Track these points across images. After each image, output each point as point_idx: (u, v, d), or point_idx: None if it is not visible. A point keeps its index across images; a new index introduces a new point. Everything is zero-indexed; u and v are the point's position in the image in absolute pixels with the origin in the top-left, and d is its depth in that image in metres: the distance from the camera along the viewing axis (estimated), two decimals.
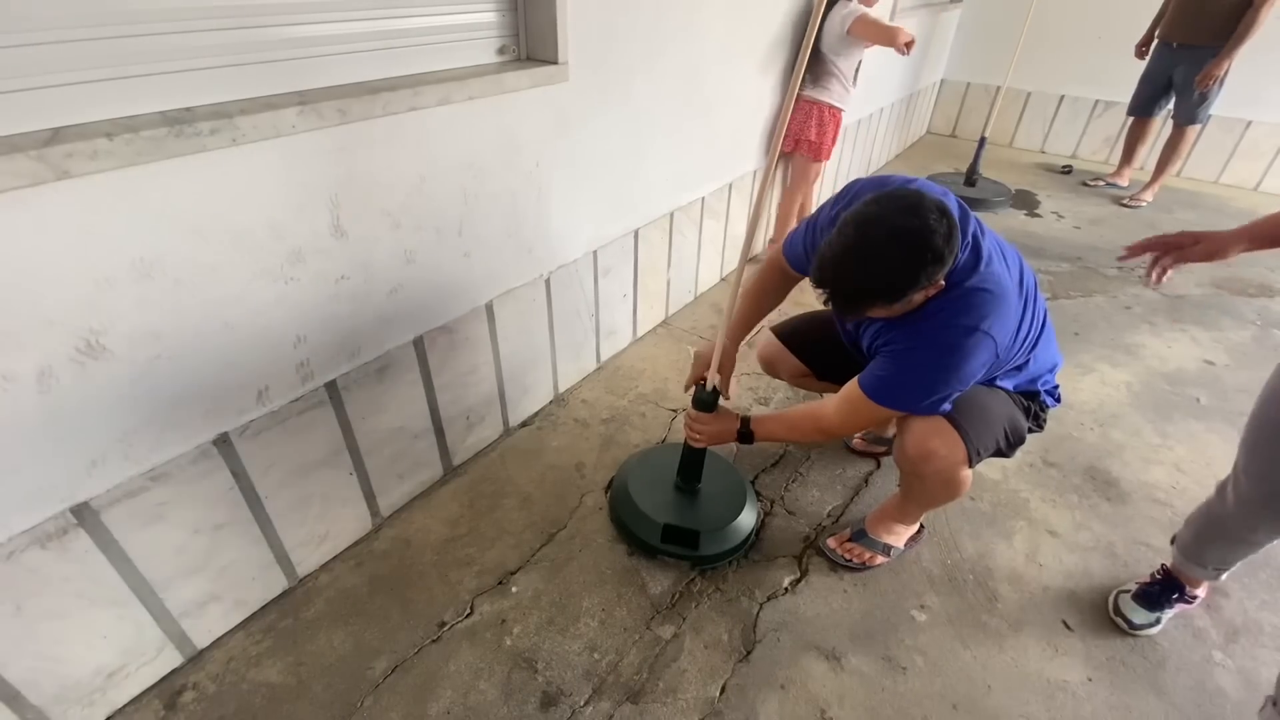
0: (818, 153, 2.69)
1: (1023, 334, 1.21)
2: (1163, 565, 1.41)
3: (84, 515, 1.00)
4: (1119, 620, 1.39)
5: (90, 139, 0.83)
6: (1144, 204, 3.87)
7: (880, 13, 2.50)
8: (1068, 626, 1.40)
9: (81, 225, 0.87)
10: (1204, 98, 3.45)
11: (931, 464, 1.25)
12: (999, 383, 1.30)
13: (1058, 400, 1.40)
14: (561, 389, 2.04)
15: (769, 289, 1.50)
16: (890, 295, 1.01)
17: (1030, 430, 1.35)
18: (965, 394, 1.23)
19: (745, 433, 1.41)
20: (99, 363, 0.94)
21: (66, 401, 0.93)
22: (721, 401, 1.44)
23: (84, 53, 0.87)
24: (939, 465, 1.25)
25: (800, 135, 2.67)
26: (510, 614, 1.38)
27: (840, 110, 2.63)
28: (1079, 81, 4.59)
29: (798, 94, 2.62)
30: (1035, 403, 1.36)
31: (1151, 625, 1.38)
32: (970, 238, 1.13)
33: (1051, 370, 1.37)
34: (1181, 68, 3.45)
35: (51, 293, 0.87)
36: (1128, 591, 1.41)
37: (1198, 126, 3.61)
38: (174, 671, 1.23)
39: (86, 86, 0.88)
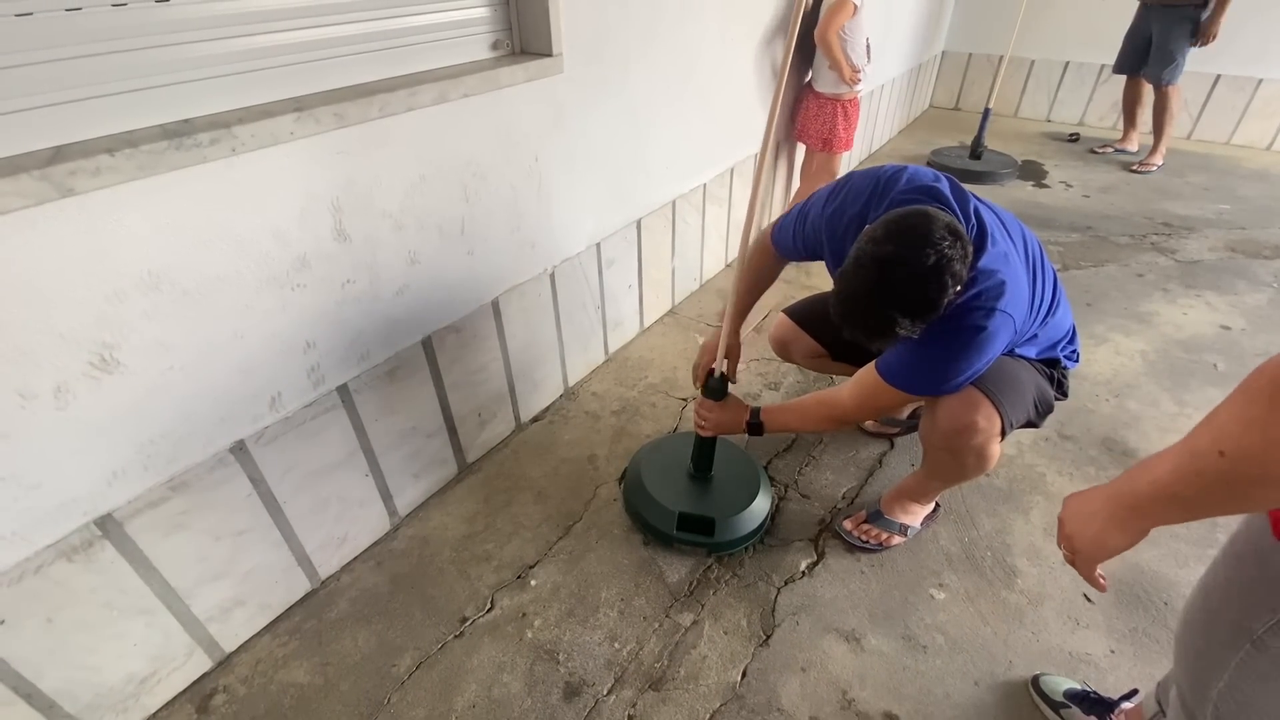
0: (806, 139, 2.68)
1: (1036, 302, 1.19)
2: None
3: (108, 527, 1.01)
4: (1034, 691, 1.23)
5: (92, 156, 0.84)
6: (1154, 168, 3.81)
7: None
8: (1088, 599, 1.40)
9: (89, 241, 0.88)
10: (1175, 57, 3.50)
11: (966, 438, 1.23)
12: (1019, 351, 1.28)
13: (1076, 360, 1.39)
14: (571, 382, 2.05)
15: (761, 274, 1.48)
16: (917, 324, 1.00)
17: (1055, 398, 1.34)
18: (992, 365, 1.22)
19: (755, 424, 1.41)
20: (113, 376, 0.95)
21: (84, 416, 0.94)
22: (730, 388, 1.44)
23: (81, 70, 0.88)
24: (976, 439, 1.22)
25: (803, 129, 2.66)
26: (530, 607, 1.39)
27: (837, 99, 2.58)
28: (1083, 46, 4.50)
29: (808, 87, 2.61)
30: (1057, 370, 1.35)
31: (1055, 697, 1.19)
32: (974, 218, 1.11)
33: (1069, 337, 1.35)
34: (1157, 26, 3.49)
35: (63, 309, 0.88)
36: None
37: (1169, 86, 3.61)
38: (204, 676, 1.25)
39: (85, 103, 0.89)
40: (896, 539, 1.50)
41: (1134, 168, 3.84)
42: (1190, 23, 3.39)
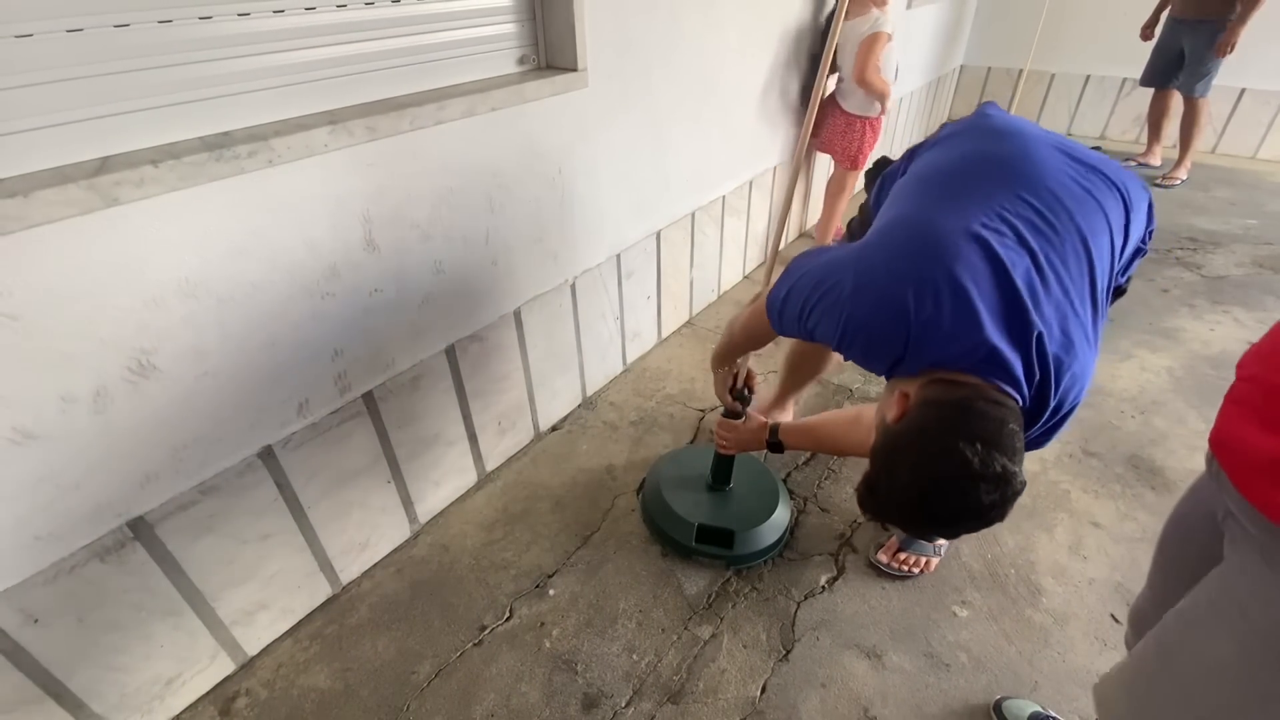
0: (832, 153, 2.68)
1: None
2: None
3: (140, 529, 1.03)
4: (995, 717, 1.21)
5: (137, 167, 0.87)
6: (1178, 182, 3.76)
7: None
8: (1116, 619, 1.37)
9: (131, 250, 0.91)
10: (1208, 70, 3.50)
11: None
12: None
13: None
14: (589, 392, 2.06)
15: (817, 353, 1.47)
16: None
17: None
18: None
19: (774, 443, 1.42)
20: (150, 381, 0.98)
21: (121, 420, 0.96)
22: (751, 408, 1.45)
23: (127, 83, 0.90)
24: None
25: (828, 143, 2.66)
26: (548, 616, 1.39)
27: (865, 118, 2.57)
28: (1105, 60, 4.47)
29: (832, 102, 2.61)
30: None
31: None
32: (1037, 370, 0.86)
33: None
34: (1189, 40, 3.50)
35: (104, 316, 0.90)
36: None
37: (1200, 99, 3.59)
38: (227, 678, 1.26)
39: (130, 116, 0.92)
40: (935, 560, 1.47)
41: (1158, 181, 3.79)
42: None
